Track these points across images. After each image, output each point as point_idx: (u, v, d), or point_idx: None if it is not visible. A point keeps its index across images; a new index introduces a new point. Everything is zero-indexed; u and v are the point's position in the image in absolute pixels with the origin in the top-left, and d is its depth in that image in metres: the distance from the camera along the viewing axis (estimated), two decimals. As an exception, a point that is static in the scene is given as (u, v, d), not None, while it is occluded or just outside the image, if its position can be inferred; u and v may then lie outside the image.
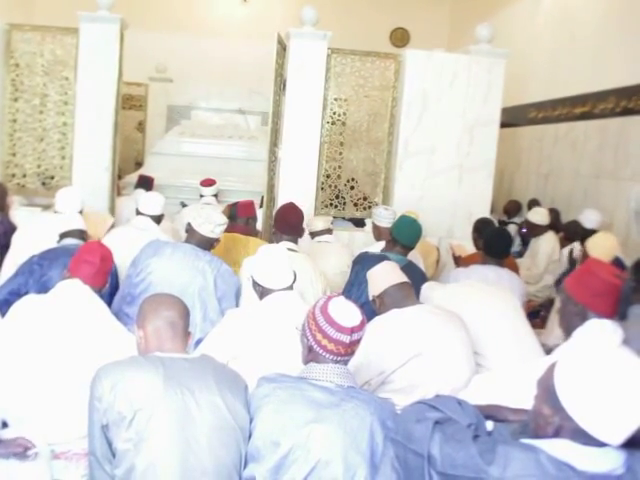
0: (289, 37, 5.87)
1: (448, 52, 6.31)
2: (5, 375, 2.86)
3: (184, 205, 7.28)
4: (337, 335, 2.18)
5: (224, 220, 3.91)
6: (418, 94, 5.87)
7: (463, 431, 2.03)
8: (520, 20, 9.35)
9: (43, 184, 6.10)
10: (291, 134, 5.86)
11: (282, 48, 5.77)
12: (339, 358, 2.21)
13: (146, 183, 7.29)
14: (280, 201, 5.62)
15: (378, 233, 4.92)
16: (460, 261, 4.92)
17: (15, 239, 4.70)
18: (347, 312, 2.21)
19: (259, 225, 5.47)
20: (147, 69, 10.51)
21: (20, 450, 2.50)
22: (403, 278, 3.14)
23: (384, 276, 3.14)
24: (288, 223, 4.26)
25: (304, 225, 4.36)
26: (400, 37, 11.97)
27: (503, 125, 6.25)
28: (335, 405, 2.13)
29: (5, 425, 2.69)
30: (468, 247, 5.10)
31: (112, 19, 5.84)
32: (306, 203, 5.64)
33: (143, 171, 8.18)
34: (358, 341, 2.22)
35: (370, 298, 3.20)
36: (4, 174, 5.97)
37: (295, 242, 4.23)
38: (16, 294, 3.50)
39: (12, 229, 4.91)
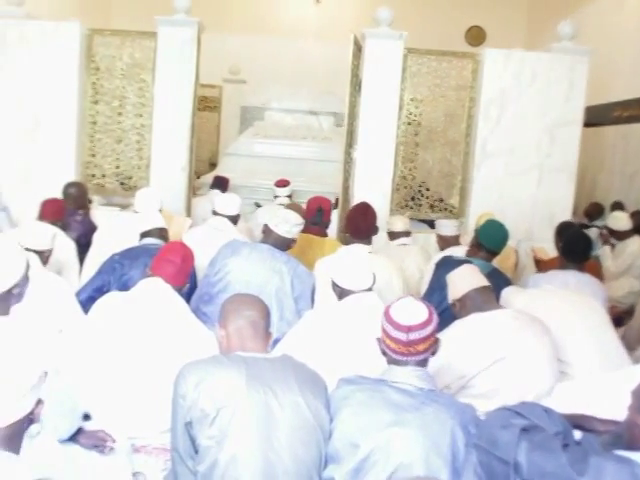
0: (364, 37, 5.86)
1: (527, 50, 6.17)
2: (88, 370, 2.92)
3: (258, 205, 7.33)
4: (395, 333, 2.20)
5: (300, 221, 3.92)
6: (496, 94, 5.78)
7: (551, 439, 1.97)
8: (604, 15, 9.06)
9: (121, 184, 6.23)
10: (366, 135, 5.84)
11: (357, 49, 5.75)
12: (404, 358, 2.21)
13: (221, 184, 7.36)
14: (355, 202, 5.58)
15: (443, 243, 4.96)
16: (541, 264, 4.81)
17: (96, 238, 4.81)
18: (407, 311, 2.21)
19: (333, 226, 5.45)
20: (221, 71, 10.66)
21: (100, 442, 2.56)
22: (485, 282, 3.08)
23: (465, 279, 3.09)
24: (358, 228, 4.22)
25: (377, 224, 4.32)
26: (476, 35, 11.76)
27: (586, 124, 6.07)
28: (415, 408, 2.11)
29: (88, 418, 2.74)
30: (550, 250, 4.97)
31: (189, 22, 5.92)
32: (381, 204, 5.60)
33: (217, 172, 8.26)
34: (421, 340, 2.20)
35: (450, 301, 3.15)
36: (84, 174, 6.13)
37: (368, 243, 4.19)
38: (100, 291, 3.58)
39: (92, 229, 5.03)
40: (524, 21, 11.70)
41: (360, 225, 4.22)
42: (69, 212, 4.85)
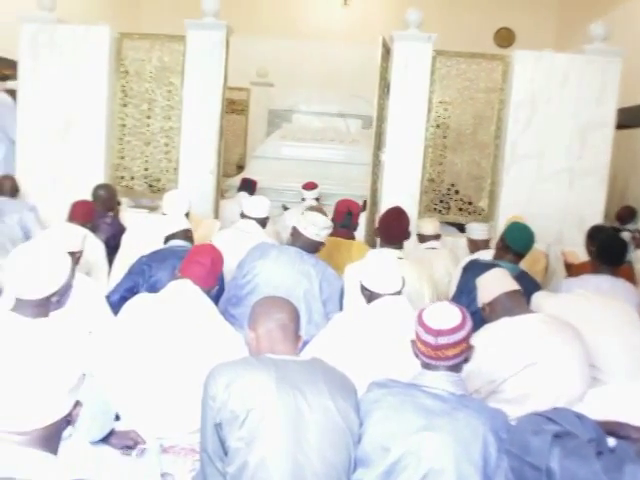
0: (393, 40, 5.83)
1: (557, 52, 6.10)
2: (117, 370, 2.94)
3: (286, 208, 7.33)
4: (424, 336, 2.19)
5: (329, 224, 3.91)
6: (527, 96, 5.72)
7: (585, 446, 1.95)
8: (637, 16, 8.89)
9: (150, 186, 6.26)
10: (395, 138, 5.81)
11: (386, 51, 5.73)
12: (433, 362, 2.19)
13: (249, 186, 7.38)
14: (383, 205, 5.57)
15: (473, 246, 4.97)
16: (572, 269, 4.74)
17: (124, 240, 4.84)
18: (439, 315, 2.20)
19: (361, 229, 5.43)
20: (249, 74, 10.64)
21: (130, 443, 2.58)
22: (515, 286, 3.06)
23: (495, 283, 3.06)
24: (390, 233, 4.19)
25: (410, 229, 4.30)
26: (505, 37, 11.61)
27: (618, 126, 5.98)
28: (447, 413, 2.10)
29: (117, 418, 2.76)
30: (580, 254, 4.91)
31: (218, 25, 5.94)
32: (409, 207, 5.57)
33: (245, 175, 8.28)
34: (450, 346, 2.18)
35: (479, 305, 3.12)
36: (113, 176, 6.18)
37: (400, 248, 4.16)
38: (131, 292, 3.61)
39: (121, 230, 5.06)
40: (554, 22, 11.52)
41: (393, 230, 4.20)
42: (98, 214, 4.88)
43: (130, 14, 11.09)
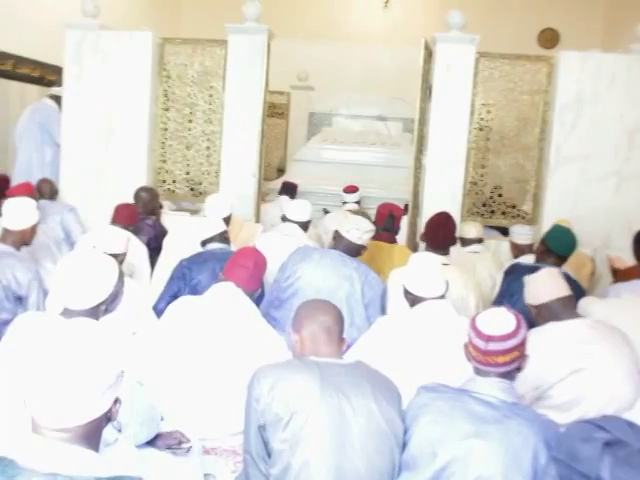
0: (435, 42, 5.77)
1: (604, 52, 5.98)
2: (161, 372, 2.95)
3: (326, 212, 7.31)
4: (475, 340, 2.17)
5: (372, 227, 3.89)
6: (572, 98, 5.60)
7: (637, 455, 1.90)
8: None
9: (191, 190, 6.29)
10: (437, 141, 5.74)
11: (428, 53, 5.68)
12: (483, 367, 2.17)
13: (290, 190, 7.38)
14: (425, 208, 5.52)
15: (517, 251, 4.90)
16: (619, 274, 4.63)
17: (166, 243, 4.88)
18: (492, 321, 2.17)
19: (402, 232, 5.39)
20: (289, 77, 10.65)
21: (175, 443, 2.59)
22: (567, 291, 2.97)
23: (547, 287, 2.98)
24: (436, 239, 4.14)
25: (455, 234, 4.25)
26: (549, 38, 11.41)
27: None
28: (497, 421, 2.07)
29: (161, 419, 2.77)
30: (627, 259, 4.80)
31: (259, 30, 5.94)
32: (451, 211, 5.51)
33: (286, 178, 8.29)
34: (501, 353, 2.14)
35: (526, 303, 3.06)
36: (155, 180, 6.22)
37: (446, 253, 4.09)
38: (175, 297, 3.62)
39: (163, 233, 5.11)
40: (600, 22, 11.26)
41: (439, 236, 4.13)
42: (140, 216, 4.93)
43: (171, 19, 11.21)
